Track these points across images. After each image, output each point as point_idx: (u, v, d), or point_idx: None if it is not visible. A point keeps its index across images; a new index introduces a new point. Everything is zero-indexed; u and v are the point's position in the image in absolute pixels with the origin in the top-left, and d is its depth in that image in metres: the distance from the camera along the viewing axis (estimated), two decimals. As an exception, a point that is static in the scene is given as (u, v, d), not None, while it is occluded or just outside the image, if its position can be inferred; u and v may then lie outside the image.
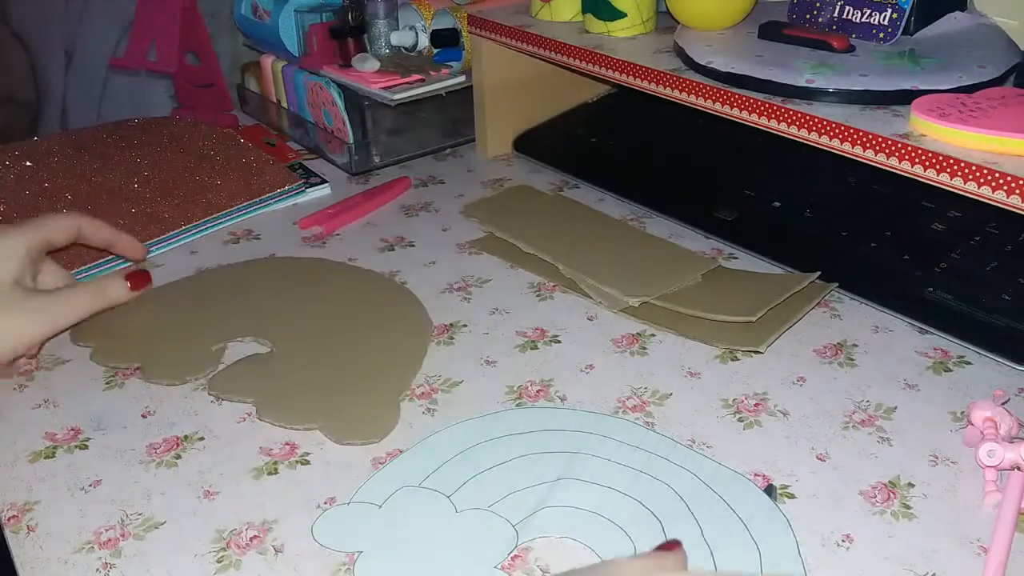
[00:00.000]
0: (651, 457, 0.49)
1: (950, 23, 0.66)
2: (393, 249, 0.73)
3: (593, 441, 0.51)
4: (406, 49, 0.91)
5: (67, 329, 0.61)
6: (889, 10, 0.64)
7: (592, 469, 0.49)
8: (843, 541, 0.44)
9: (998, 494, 0.46)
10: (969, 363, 0.57)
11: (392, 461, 0.50)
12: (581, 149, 0.86)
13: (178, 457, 0.51)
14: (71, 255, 0.69)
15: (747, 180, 0.75)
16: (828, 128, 0.57)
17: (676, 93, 0.66)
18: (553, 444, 0.51)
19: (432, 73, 0.88)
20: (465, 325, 0.62)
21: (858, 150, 0.56)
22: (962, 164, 0.51)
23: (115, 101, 1.56)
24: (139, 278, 0.64)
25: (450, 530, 0.45)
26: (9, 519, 0.47)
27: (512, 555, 0.44)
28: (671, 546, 0.35)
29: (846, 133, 0.56)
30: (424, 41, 0.90)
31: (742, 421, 0.53)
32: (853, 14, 0.66)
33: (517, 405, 0.54)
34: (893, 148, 0.54)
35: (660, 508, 0.46)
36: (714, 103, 0.64)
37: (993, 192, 0.50)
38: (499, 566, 0.43)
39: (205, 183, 0.81)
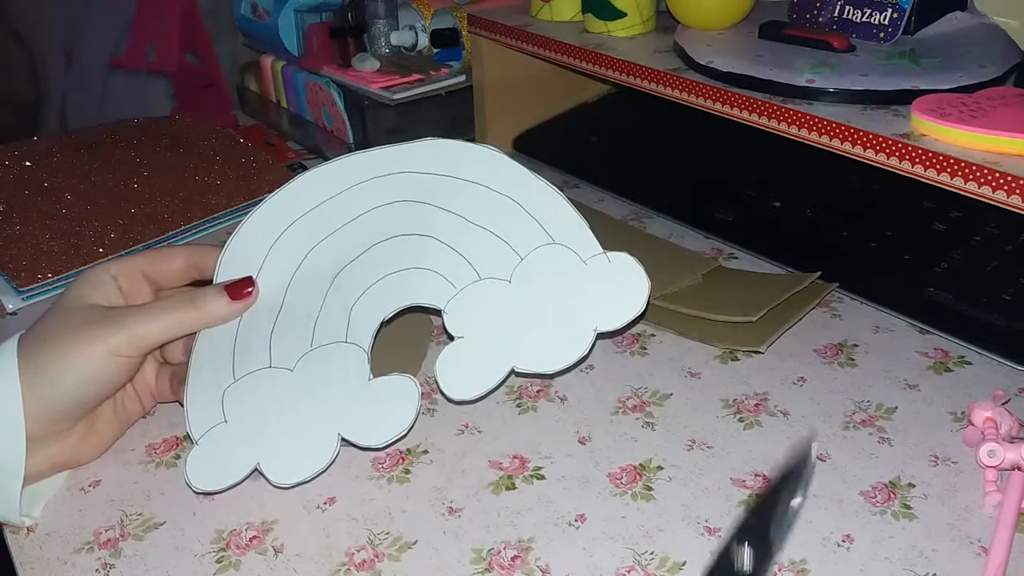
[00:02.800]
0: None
1: (950, 23, 0.66)
2: (393, 249, 0.73)
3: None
4: (406, 49, 0.91)
5: (156, 348, 0.50)
6: (889, 10, 0.64)
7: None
8: (843, 541, 0.44)
9: (998, 494, 0.46)
10: (970, 363, 0.57)
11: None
12: (581, 149, 0.86)
13: (177, 457, 0.51)
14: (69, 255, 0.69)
15: (747, 180, 0.75)
16: (828, 128, 0.57)
17: (676, 93, 0.66)
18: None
19: (432, 73, 0.88)
20: (465, 325, 0.62)
21: (858, 150, 0.56)
22: (962, 164, 0.51)
23: (115, 101, 1.56)
24: (239, 287, 0.52)
25: (301, 385, 0.49)
26: (9, 519, 0.47)
27: (512, 556, 0.44)
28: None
29: (846, 133, 0.56)
30: (424, 41, 0.90)
31: (742, 421, 0.53)
32: (853, 14, 0.66)
33: (516, 404, 0.54)
34: (893, 148, 0.54)
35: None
36: (714, 103, 0.64)
37: (993, 192, 0.50)
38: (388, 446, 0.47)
39: (205, 183, 0.81)
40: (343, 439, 0.49)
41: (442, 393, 0.52)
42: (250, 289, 0.52)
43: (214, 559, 0.44)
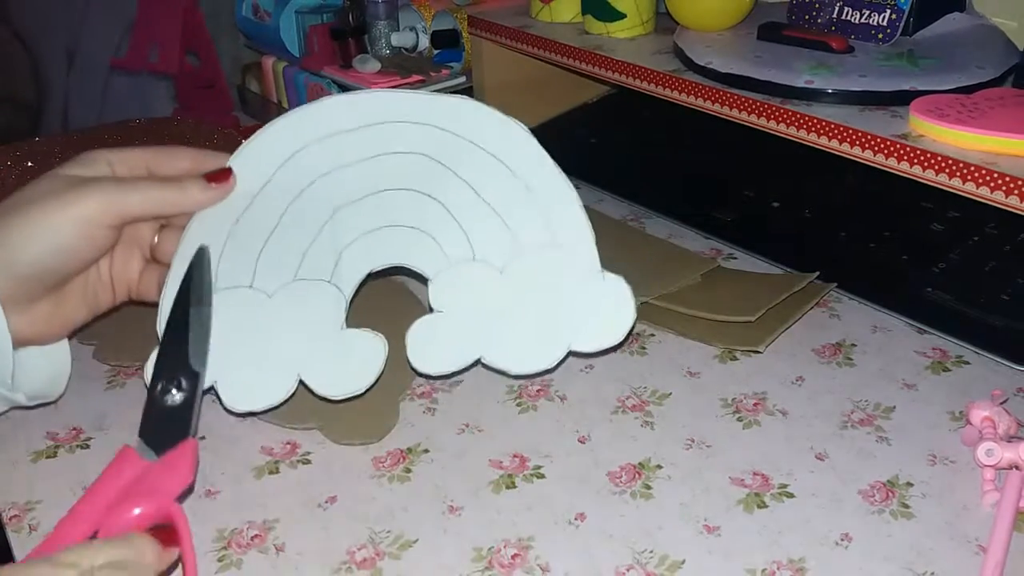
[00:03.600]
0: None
1: (949, 24, 0.67)
2: (393, 249, 0.73)
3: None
4: (406, 50, 0.92)
5: (133, 220, 0.49)
6: (888, 11, 0.64)
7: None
8: (842, 540, 0.44)
9: (996, 493, 0.46)
10: (967, 363, 0.57)
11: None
12: (581, 149, 0.86)
13: (179, 456, 0.52)
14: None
15: (746, 181, 0.75)
16: (827, 129, 0.57)
17: (675, 94, 0.67)
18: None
19: (432, 74, 0.88)
20: (465, 325, 0.63)
21: (857, 151, 0.56)
22: (961, 164, 0.51)
23: (116, 102, 1.56)
24: (219, 175, 0.50)
25: (275, 315, 0.49)
26: (11, 518, 0.47)
27: (512, 554, 0.44)
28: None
29: (845, 134, 0.57)
30: (424, 42, 0.90)
31: (741, 421, 0.53)
32: (852, 15, 0.66)
33: (517, 404, 0.55)
34: (892, 148, 0.54)
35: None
36: (713, 104, 0.64)
37: (992, 192, 0.50)
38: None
39: (206, 184, 0.81)
40: (301, 381, 0.49)
41: (408, 361, 0.52)
42: (229, 176, 0.50)
43: (216, 558, 0.45)
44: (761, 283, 0.64)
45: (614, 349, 0.52)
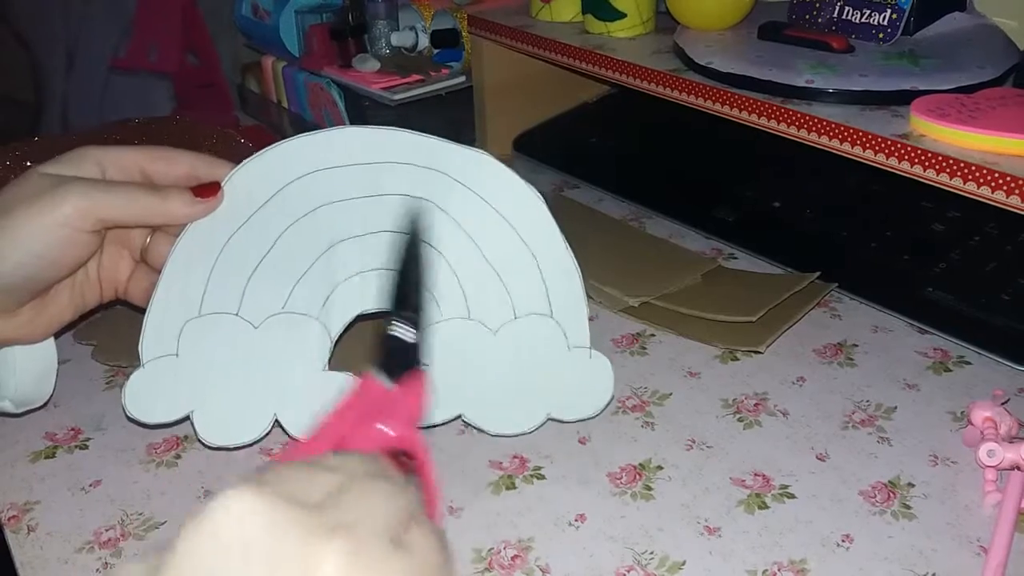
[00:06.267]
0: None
1: (949, 23, 0.66)
2: (393, 249, 0.73)
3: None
4: (406, 49, 0.91)
5: (114, 226, 0.48)
6: (888, 10, 0.64)
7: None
8: (843, 541, 0.44)
9: (998, 494, 0.46)
10: (969, 363, 0.57)
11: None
12: (581, 149, 0.86)
13: (178, 457, 0.51)
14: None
15: (747, 180, 0.75)
16: (828, 128, 0.57)
17: (676, 93, 0.66)
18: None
19: (432, 73, 0.88)
20: (465, 325, 0.62)
21: (858, 150, 0.56)
22: (961, 164, 0.51)
23: (116, 101, 1.56)
24: (206, 189, 0.48)
25: (258, 348, 0.47)
26: (9, 519, 0.47)
27: (512, 555, 0.44)
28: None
29: (846, 133, 0.56)
30: (424, 41, 0.90)
31: (742, 421, 0.53)
32: (852, 14, 0.66)
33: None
34: (893, 148, 0.54)
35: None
36: (714, 103, 0.64)
37: (992, 192, 0.50)
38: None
39: (205, 183, 0.81)
40: (277, 421, 0.49)
41: None
42: (216, 192, 0.48)
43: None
44: (762, 283, 0.64)
45: (590, 419, 0.52)
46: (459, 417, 0.51)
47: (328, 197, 0.50)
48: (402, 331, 0.38)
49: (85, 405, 0.56)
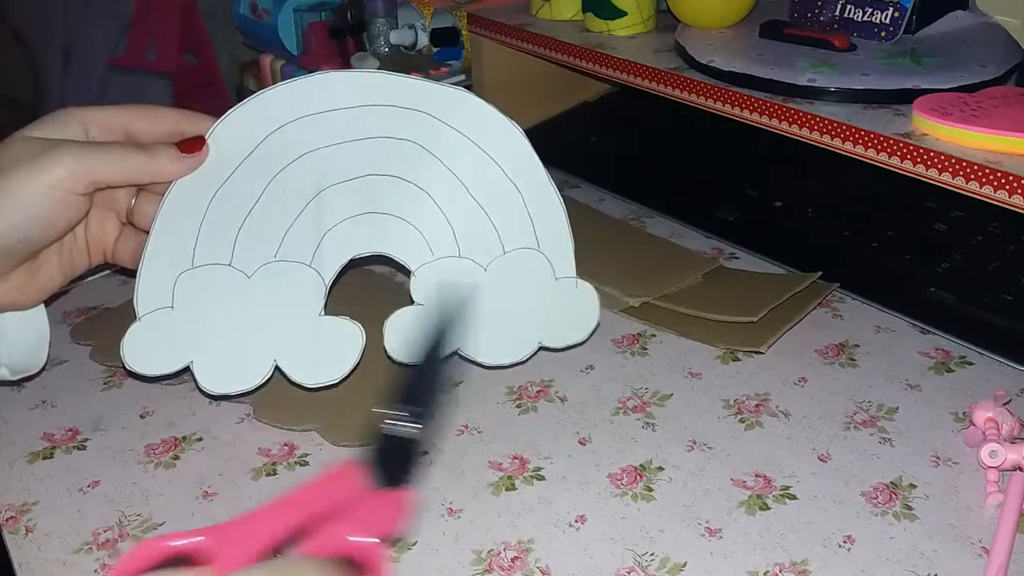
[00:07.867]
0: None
1: (952, 22, 0.66)
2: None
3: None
4: (405, 48, 0.91)
5: (104, 188, 0.48)
6: (891, 9, 0.64)
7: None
8: (844, 542, 0.44)
9: (1000, 495, 0.46)
10: (971, 363, 0.56)
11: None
12: (581, 149, 0.86)
13: (176, 458, 0.51)
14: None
15: (748, 180, 0.75)
16: (829, 127, 0.57)
17: (677, 92, 0.66)
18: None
19: (432, 72, 0.88)
20: (465, 325, 0.62)
21: (860, 149, 0.56)
22: (964, 164, 0.51)
23: (114, 100, 1.56)
24: (192, 144, 0.49)
25: (254, 297, 0.48)
26: (7, 520, 0.47)
27: (512, 556, 0.44)
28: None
29: (847, 132, 0.56)
30: (424, 40, 0.90)
31: (743, 422, 0.52)
32: (854, 13, 0.66)
33: (517, 406, 0.54)
34: (895, 147, 0.54)
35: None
36: (715, 102, 0.64)
37: (995, 192, 0.50)
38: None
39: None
40: (277, 367, 0.49)
41: (385, 350, 0.52)
42: (202, 146, 0.49)
43: (213, 560, 0.44)
44: (763, 283, 0.64)
45: (579, 345, 0.55)
46: (455, 354, 0.52)
47: (313, 144, 0.51)
48: (404, 426, 0.38)
49: (83, 405, 0.55)
